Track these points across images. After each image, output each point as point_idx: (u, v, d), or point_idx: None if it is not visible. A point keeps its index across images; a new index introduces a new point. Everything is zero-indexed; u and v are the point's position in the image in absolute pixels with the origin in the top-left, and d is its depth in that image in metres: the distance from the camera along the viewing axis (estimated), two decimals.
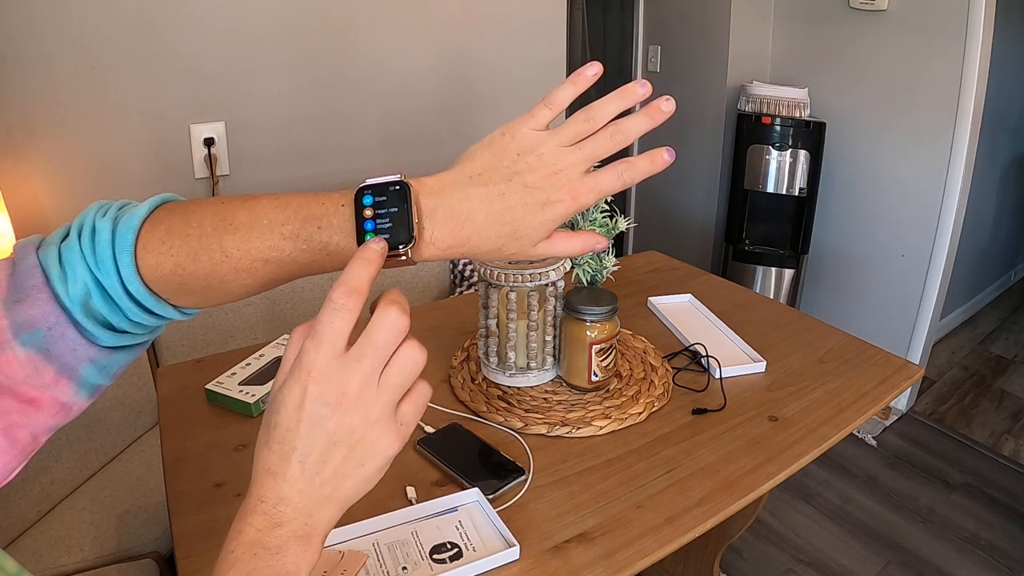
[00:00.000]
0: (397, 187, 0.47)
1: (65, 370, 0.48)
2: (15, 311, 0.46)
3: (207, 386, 1.08)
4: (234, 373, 1.11)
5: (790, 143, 2.54)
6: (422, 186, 0.48)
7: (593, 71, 0.49)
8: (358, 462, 0.43)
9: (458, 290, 2.10)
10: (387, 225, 0.47)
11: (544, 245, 0.50)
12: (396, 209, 0.47)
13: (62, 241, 0.49)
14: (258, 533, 0.42)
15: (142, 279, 0.48)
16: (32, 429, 0.47)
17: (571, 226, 1.11)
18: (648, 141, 0.53)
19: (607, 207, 1.12)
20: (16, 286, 0.47)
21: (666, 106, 0.48)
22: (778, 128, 2.54)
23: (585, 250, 0.51)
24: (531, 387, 1.10)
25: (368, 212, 0.47)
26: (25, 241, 0.49)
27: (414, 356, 0.43)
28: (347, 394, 0.41)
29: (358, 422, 0.42)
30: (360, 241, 0.47)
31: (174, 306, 0.51)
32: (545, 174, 0.47)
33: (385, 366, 0.42)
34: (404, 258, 0.47)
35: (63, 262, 0.48)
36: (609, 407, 1.05)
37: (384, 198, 0.47)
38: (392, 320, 0.42)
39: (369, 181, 0.48)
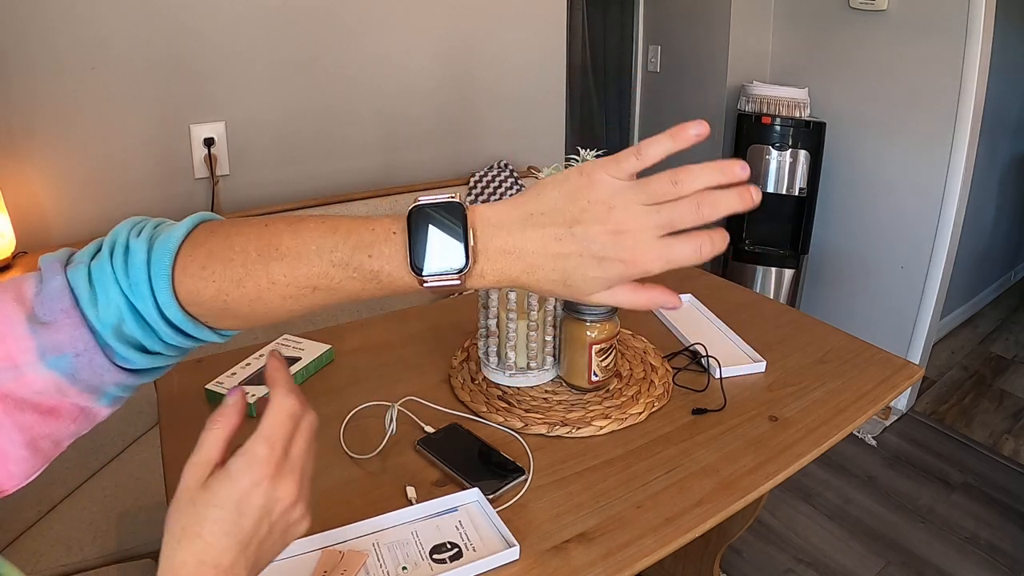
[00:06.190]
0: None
1: (89, 389, 0.46)
2: (41, 334, 0.44)
3: (207, 386, 1.08)
4: (234, 373, 1.11)
5: (790, 143, 2.54)
6: (477, 216, 0.46)
7: (697, 131, 0.44)
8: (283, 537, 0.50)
9: None
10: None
11: (604, 296, 0.46)
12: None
13: (92, 259, 0.46)
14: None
15: (180, 304, 0.46)
16: (55, 437, 0.47)
17: None
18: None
19: None
20: (43, 307, 0.44)
21: (756, 195, 0.43)
22: (778, 128, 2.54)
23: (651, 307, 0.47)
24: (531, 387, 1.10)
25: None
26: (52, 257, 0.47)
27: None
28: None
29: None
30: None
31: (213, 329, 0.49)
32: (609, 230, 0.43)
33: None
34: (456, 284, 0.45)
35: (93, 283, 0.45)
36: (609, 407, 1.05)
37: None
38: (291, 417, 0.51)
39: (422, 200, 0.45)
